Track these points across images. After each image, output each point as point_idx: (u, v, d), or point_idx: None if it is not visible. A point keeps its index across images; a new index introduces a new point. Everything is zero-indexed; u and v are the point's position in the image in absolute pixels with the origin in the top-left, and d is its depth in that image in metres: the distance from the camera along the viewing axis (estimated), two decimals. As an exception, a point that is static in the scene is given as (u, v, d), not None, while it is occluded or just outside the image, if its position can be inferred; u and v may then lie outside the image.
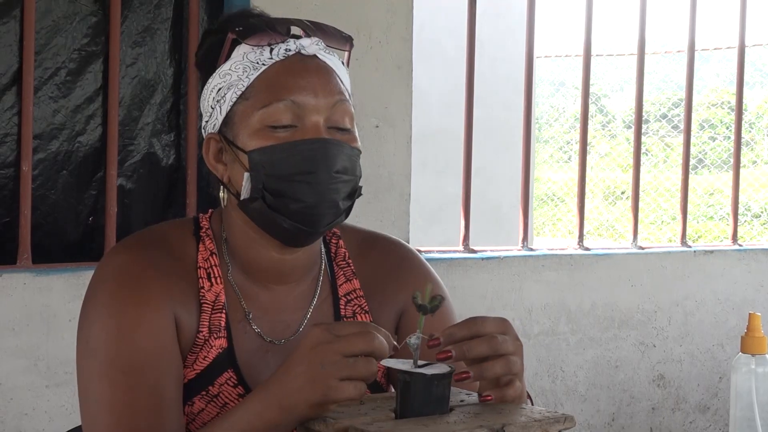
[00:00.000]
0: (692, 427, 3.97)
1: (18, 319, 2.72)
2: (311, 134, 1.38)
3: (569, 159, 12.48)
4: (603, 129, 13.28)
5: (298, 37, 1.43)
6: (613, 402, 3.80)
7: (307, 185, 1.37)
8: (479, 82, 3.74)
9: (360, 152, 1.43)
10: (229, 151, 1.42)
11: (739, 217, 4.37)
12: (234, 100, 1.41)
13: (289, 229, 1.40)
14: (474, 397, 1.29)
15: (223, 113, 1.42)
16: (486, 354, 1.24)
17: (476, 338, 1.24)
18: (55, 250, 3.05)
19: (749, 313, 1.76)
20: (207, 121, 1.45)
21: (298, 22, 1.44)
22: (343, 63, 1.48)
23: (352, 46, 1.49)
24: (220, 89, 1.42)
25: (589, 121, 3.99)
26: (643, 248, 3.94)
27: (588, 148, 4.11)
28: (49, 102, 3.00)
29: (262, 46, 1.41)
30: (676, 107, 11.93)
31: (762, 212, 11.20)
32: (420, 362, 1.24)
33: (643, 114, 4.16)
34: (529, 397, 1.34)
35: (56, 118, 3.03)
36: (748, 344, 1.73)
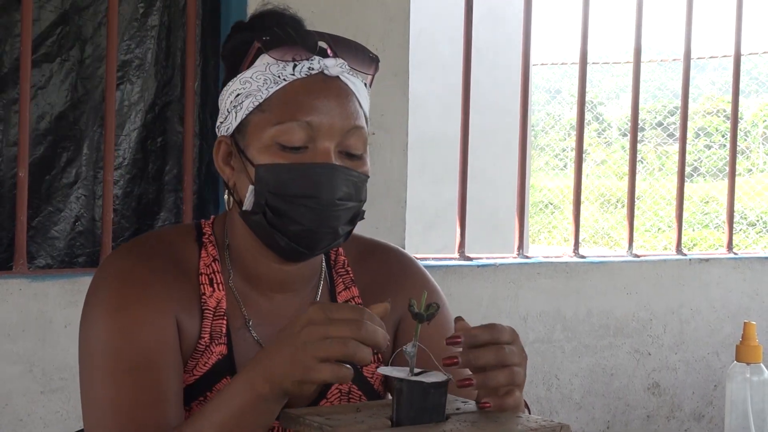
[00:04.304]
0: (687, 435, 3.97)
1: (14, 325, 2.71)
2: (320, 159, 1.37)
3: (565, 166, 12.48)
4: (599, 137, 13.29)
5: (323, 53, 1.41)
6: (608, 410, 3.80)
7: (308, 209, 1.37)
8: (476, 89, 3.75)
9: (368, 177, 1.43)
10: (238, 159, 1.42)
11: (734, 225, 4.37)
12: (250, 109, 1.40)
13: (285, 247, 1.40)
14: (470, 405, 1.29)
15: (238, 120, 1.41)
16: (492, 363, 1.25)
17: (484, 347, 1.25)
18: (42, 256, 3.07)
19: (744, 322, 1.76)
20: (222, 123, 1.45)
21: (327, 38, 1.43)
22: (366, 85, 1.46)
23: (377, 69, 1.47)
24: (238, 95, 1.41)
25: (585, 129, 3.99)
26: (638, 256, 3.95)
27: (584, 155, 4.11)
28: (33, 109, 3.01)
29: (287, 60, 1.39)
30: (672, 115, 11.95)
31: (757, 220, 11.21)
32: (416, 370, 1.24)
33: (639, 122, 4.17)
34: (526, 405, 1.35)
35: (40, 125, 3.05)
36: (743, 353, 1.74)
